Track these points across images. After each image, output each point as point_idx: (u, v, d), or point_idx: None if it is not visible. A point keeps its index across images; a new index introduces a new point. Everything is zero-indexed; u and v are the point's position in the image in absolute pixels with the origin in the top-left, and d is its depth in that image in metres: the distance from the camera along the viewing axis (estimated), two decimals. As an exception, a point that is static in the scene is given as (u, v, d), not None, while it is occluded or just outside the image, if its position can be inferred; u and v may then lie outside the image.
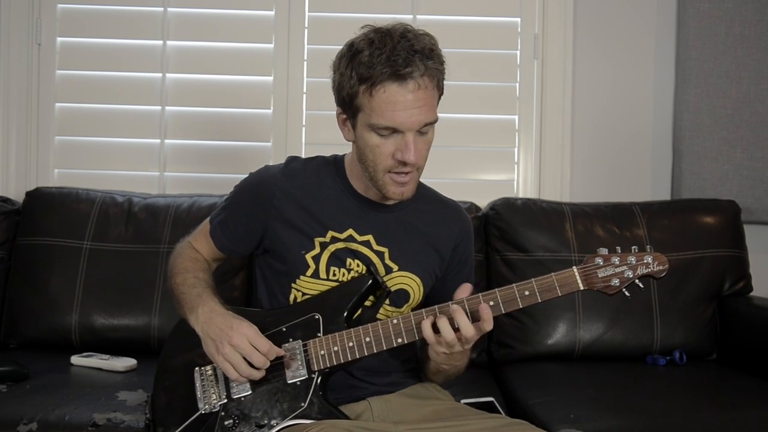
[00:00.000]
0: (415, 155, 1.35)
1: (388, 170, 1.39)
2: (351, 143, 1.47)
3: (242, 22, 2.54)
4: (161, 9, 2.51)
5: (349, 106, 1.39)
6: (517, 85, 2.56)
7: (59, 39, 2.52)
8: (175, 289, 1.50)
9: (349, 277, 1.45)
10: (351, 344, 1.36)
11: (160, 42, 2.51)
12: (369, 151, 1.39)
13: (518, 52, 2.55)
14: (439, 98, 1.41)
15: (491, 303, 1.33)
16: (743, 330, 2.14)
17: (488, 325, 1.31)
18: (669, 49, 2.57)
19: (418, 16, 2.50)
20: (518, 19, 2.55)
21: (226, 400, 1.38)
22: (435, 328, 1.32)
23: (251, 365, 1.34)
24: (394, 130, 1.35)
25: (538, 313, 2.14)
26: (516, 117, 2.56)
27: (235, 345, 1.32)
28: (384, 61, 1.31)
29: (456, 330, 1.31)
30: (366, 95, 1.34)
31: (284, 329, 1.39)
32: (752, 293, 2.27)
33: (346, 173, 1.52)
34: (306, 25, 2.53)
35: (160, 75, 2.52)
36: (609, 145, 2.58)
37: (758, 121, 2.50)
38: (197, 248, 1.59)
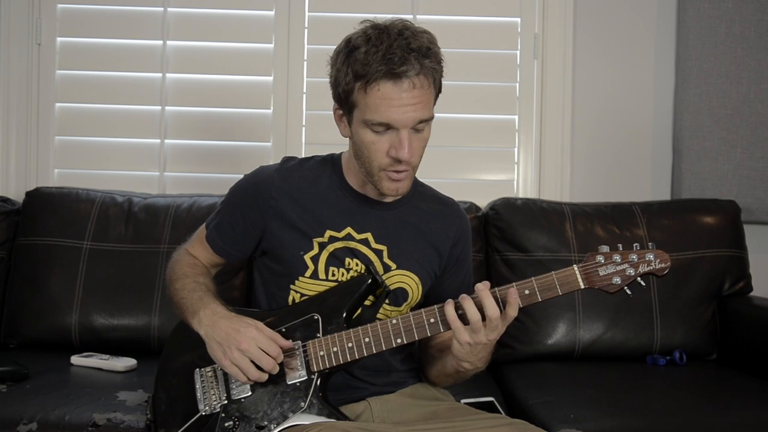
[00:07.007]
0: (409, 152, 1.35)
1: (383, 168, 1.38)
2: (348, 139, 1.47)
3: (242, 22, 2.53)
4: (161, 9, 2.51)
5: (345, 102, 1.39)
6: (517, 85, 2.56)
7: (59, 39, 2.52)
8: (175, 295, 1.49)
9: (348, 277, 1.45)
10: (350, 345, 1.35)
11: (160, 42, 2.51)
12: (364, 147, 1.39)
13: (518, 52, 2.55)
14: (437, 96, 1.41)
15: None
16: (743, 330, 2.14)
17: (514, 310, 1.29)
18: (669, 49, 2.57)
19: (418, 16, 2.50)
20: (518, 19, 2.55)
21: (226, 401, 1.38)
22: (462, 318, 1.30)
23: (259, 368, 1.33)
24: (389, 127, 1.35)
25: (538, 312, 2.14)
26: (516, 117, 2.56)
27: (244, 350, 1.32)
28: (379, 60, 1.30)
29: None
30: (361, 92, 1.34)
31: (283, 330, 1.39)
32: (752, 293, 2.27)
33: (342, 171, 1.51)
34: (306, 25, 2.53)
35: (160, 75, 2.51)
36: (609, 145, 2.57)
37: (758, 121, 2.50)
38: (194, 255, 1.58)
